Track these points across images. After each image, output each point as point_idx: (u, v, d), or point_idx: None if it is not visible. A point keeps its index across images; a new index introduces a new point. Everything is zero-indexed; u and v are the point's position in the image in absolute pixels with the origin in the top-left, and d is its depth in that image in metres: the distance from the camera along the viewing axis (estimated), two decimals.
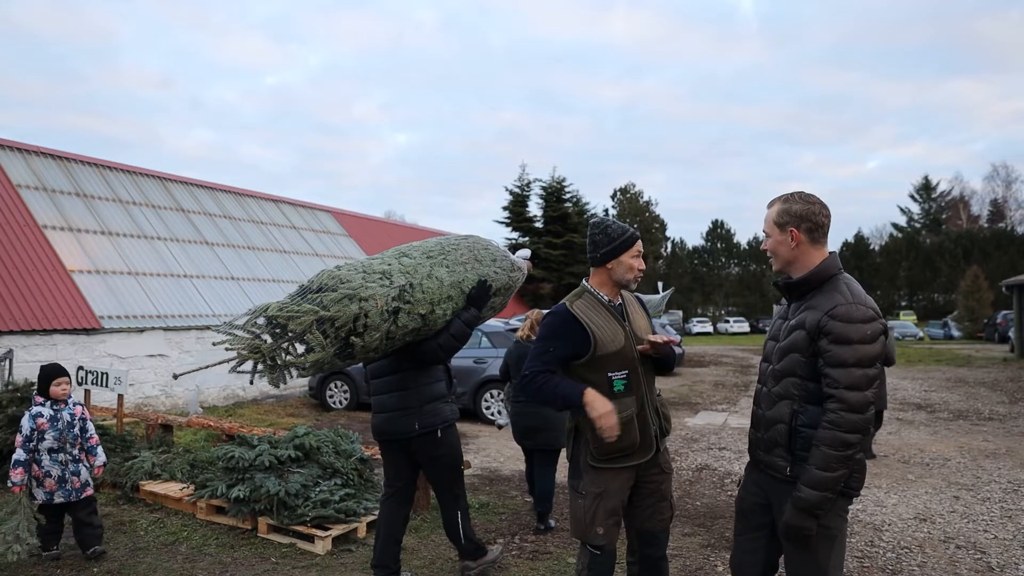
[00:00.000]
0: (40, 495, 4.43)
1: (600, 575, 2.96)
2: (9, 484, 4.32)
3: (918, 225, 54.97)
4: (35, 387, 4.70)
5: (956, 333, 35.92)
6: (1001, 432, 9.69)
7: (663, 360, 3.05)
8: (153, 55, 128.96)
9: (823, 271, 2.51)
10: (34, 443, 4.42)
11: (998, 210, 55.42)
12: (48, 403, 4.55)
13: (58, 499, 4.47)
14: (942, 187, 55.93)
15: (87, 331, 9.96)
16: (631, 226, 3.09)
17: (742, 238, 61.02)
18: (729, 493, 6.35)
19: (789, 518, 2.41)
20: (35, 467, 4.43)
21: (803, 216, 2.53)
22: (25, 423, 4.44)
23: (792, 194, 2.60)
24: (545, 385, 2.85)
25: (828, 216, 2.56)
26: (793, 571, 2.56)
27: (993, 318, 32.28)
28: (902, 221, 55.94)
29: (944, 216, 55.72)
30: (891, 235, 54.78)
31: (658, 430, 2.98)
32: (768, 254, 2.67)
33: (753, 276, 56.73)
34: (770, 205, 2.65)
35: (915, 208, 56.05)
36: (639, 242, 3.04)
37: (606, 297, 3.03)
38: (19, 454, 4.36)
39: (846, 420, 2.32)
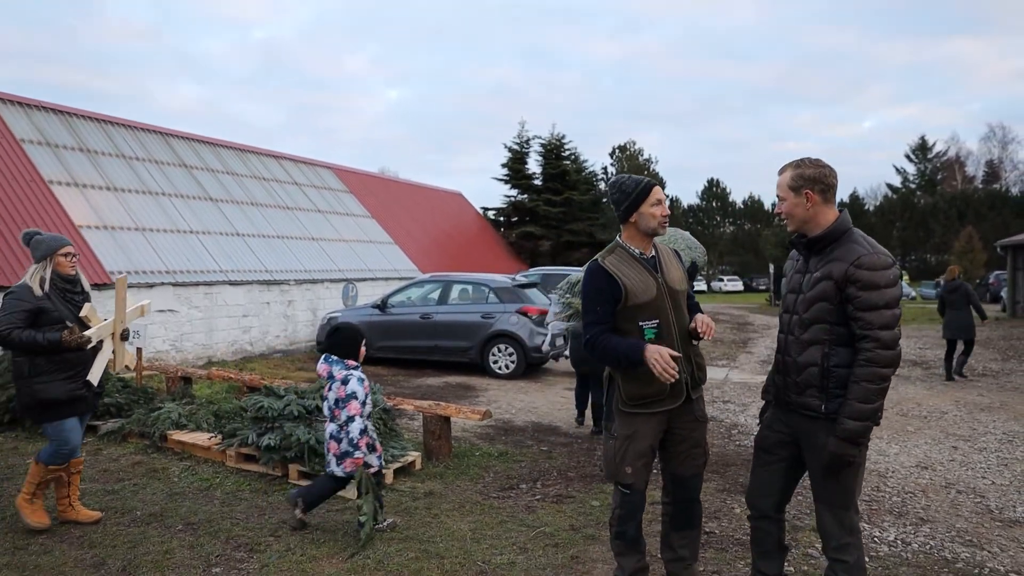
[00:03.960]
0: (375, 461, 4.18)
1: (630, 513, 3.15)
2: (358, 455, 4.03)
3: (913, 185, 54.95)
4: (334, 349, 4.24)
5: None
6: (995, 387, 9.99)
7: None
8: (138, 5, 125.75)
9: (840, 227, 2.78)
10: None
11: (993, 171, 55.42)
12: (359, 367, 4.27)
13: (382, 464, 4.28)
14: (938, 148, 55.79)
15: (98, 287, 10.02)
16: (645, 177, 3.19)
17: (737, 197, 60.91)
18: (737, 443, 6.59)
19: (835, 448, 2.67)
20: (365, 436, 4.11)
21: (816, 179, 2.79)
22: (359, 388, 4.09)
23: (802, 160, 2.85)
24: (607, 347, 3.00)
25: (836, 178, 2.83)
26: (824, 497, 2.82)
27: (986, 278, 32.65)
28: (897, 181, 55.90)
29: (939, 177, 55.68)
30: (885, 195, 54.81)
31: (690, 378, 3.12)
32: (783, 217, 2.91)
33: (748, 235, 56.85)
34: (781, 171, 2.90)
35: (910, 168, 55.93)
36: (656, 189, 3.12)
37: (637, 250, 3.15)
38: (361, 423, 4.05)
39: (881, 356, 2.61)
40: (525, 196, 30.99)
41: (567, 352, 8.03)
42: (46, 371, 3.96)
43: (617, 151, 51.33)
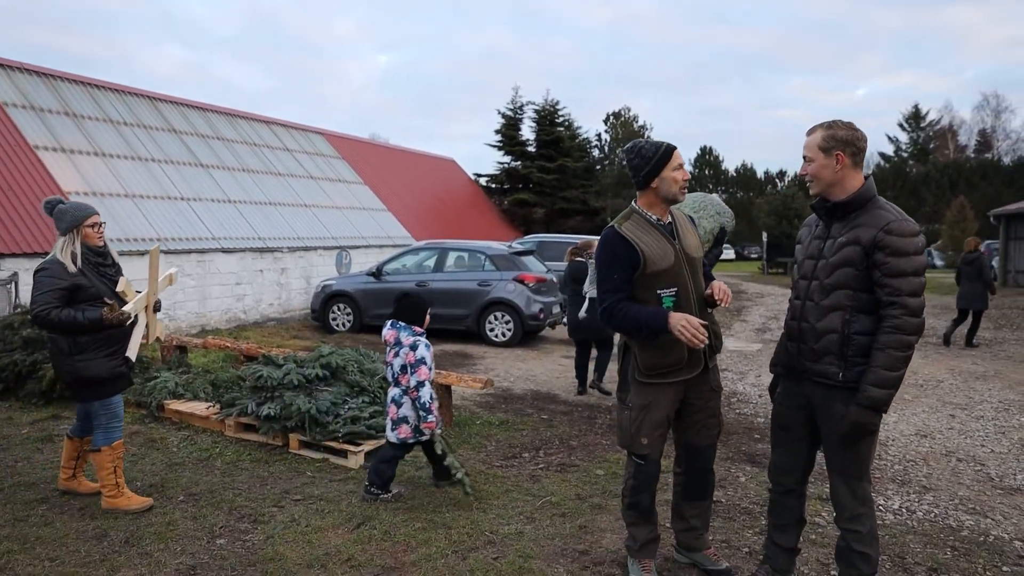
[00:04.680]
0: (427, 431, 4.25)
1: (645, 483, 3.11)
2: (429, 419, 4.09)
3: (905, 154, 54.79)
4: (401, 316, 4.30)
5: (939, 262, 36.48)
6: (988, 356, 10.05)
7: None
8: None
9: (866, 193, 2.71)
10: None
11: (986, 140, 55.28)
12: (424, 333, 4.30)
13: (439, 430, 4.30)
14: (931, 116, 55.51)
15: None
16: (663, 141, 3.07)
17: (730, 165, 60.65)
18: (737, 411, 6.59)
19: (856, 416, 2.62)
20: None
21: (848, 141, 2.70)
22: (427, 353, 4.16)
23: (835, 121, 2.76)
24: (627, 316, 2.92)
25: (867, 143, 2.75)
26: (838, 468, 2.80)
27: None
28: (889, 150, 55.72)
29: (932, 146, 55.51)
30: (878, 164, 54.65)
31: (707, 347, 3.06)
32: (807, 179, 2.81)
33: (740, 203, 56.70)
34: (811, 132, 2.79)
35: (903, 137, 55.70)
36: (676, 152, 3.02)
37: (654, 216, 3.07)
38: (430, 388, 4.12)
39: (908, 323, 2.56)
40: (519, 163, 30.73)
41: (565, 320, 8.05)
42: (88, 348, 3.80)
43: (611, 118, 50.87)
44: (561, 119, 31.69)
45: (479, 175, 31.03)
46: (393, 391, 4.22)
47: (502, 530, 3.71)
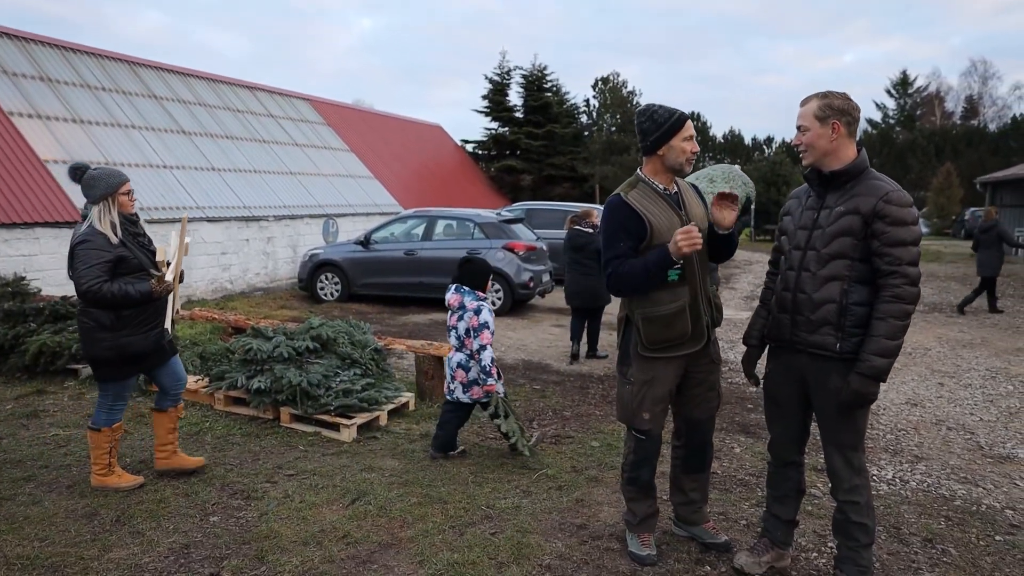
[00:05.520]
0: (500, 388, 4.36)
1: (645, 458, 3.09)
2: (491, 382, 4.24)
3: (892, 121, 54.69)
4: (460, 279, 4.42)
5: (925, 230, 36.69)
6: (975, 324, 10.14)
7: (724, 246, 3.03)
8: None
9: (862, 163, 2.71)
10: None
11: (972, 107, 55.27)
12: (487, 298, 4.41)
13: (500, 392, 4.39)
14: (919, 83, 55.30)
15: (70, 224, 9.65)
16: (677, 109, 2.97)
17: (717, 131, 60.35)
18: (729, 381, 6.60)
19: (857, 385, 2.61)
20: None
21: (844, 111, 2.70)
22: (489, 318, 4.27)
23: (829, 91, 2.75)
24: (631, 269, 2.85)
25: (860, 113, 2.77)
26: (834, 439, 2.79)
27: (961, 215, 32.97)
28: (877, 117, 55.56)
29: (919, 112, 55.42)
30: (865, 131, 54.53)
31: (710, 321, 3.02)
32: (800, 148, 2.79)
33: None
34: (805, 102, 2.78)
35: (891, 104, 55.51)
36: (689, 123, 2.93)
37: (661, 186, 2.99)
38: (491, 352, 4.24)
39: (908, 292, 2.58)
40: (506, 129, 30.38)
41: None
42: (133, 322, 3.67)
43: (600, 83, 50.20)
44: (549, 84, 31.30)
45: (466, 141, 30.67)
46: (458, 356, 4.33)
47: (499, 504, 3.69)
